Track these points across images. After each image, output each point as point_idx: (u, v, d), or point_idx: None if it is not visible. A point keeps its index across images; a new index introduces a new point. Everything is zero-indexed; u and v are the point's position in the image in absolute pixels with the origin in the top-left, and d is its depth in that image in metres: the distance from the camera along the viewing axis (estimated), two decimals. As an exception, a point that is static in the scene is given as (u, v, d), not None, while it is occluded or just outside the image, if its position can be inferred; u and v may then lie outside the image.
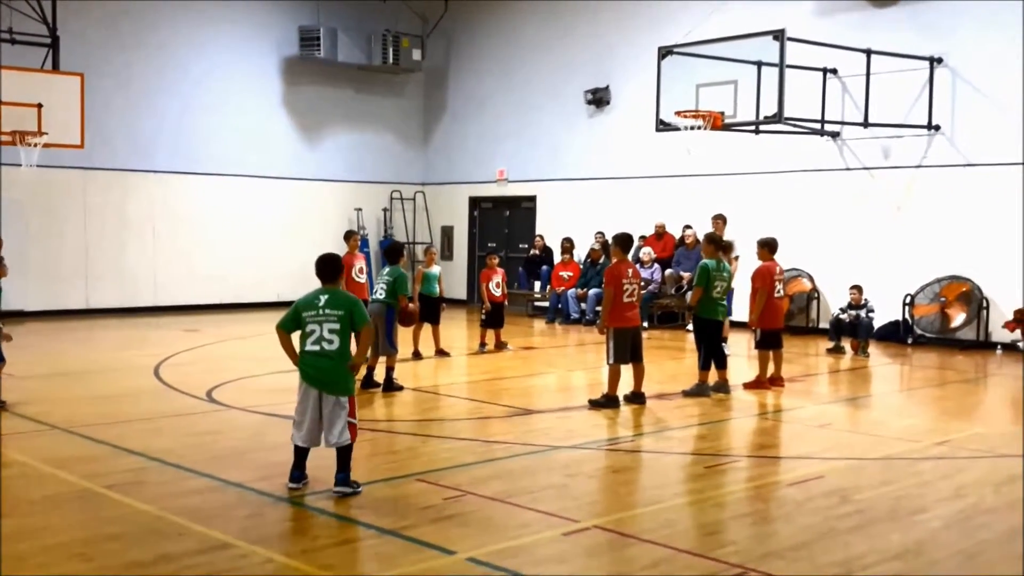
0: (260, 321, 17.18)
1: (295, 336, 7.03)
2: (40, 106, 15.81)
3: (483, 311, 15.01)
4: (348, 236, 14.29)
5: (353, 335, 6.94)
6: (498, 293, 14.99)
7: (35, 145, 15.84)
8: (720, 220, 17.19)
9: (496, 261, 15.54)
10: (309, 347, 6.87)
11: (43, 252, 18.98)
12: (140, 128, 20.16)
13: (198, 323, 18.43)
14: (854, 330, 14.94)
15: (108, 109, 19.29)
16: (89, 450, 8.22)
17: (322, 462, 7.03)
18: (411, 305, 11.74)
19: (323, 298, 6.92)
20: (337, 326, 6.83)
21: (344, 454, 6.85)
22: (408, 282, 11.51)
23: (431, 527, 6.13)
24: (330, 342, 6.83)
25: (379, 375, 11.30)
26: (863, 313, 14.96)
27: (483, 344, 14.94)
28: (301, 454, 6.96)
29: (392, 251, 11.81)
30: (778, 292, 11.83)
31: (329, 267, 7.09)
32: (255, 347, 14.88)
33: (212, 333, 16.89)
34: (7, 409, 9.72)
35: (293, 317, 6.98)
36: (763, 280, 11.72)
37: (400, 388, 11.19)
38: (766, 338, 11.77)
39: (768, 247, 11.95)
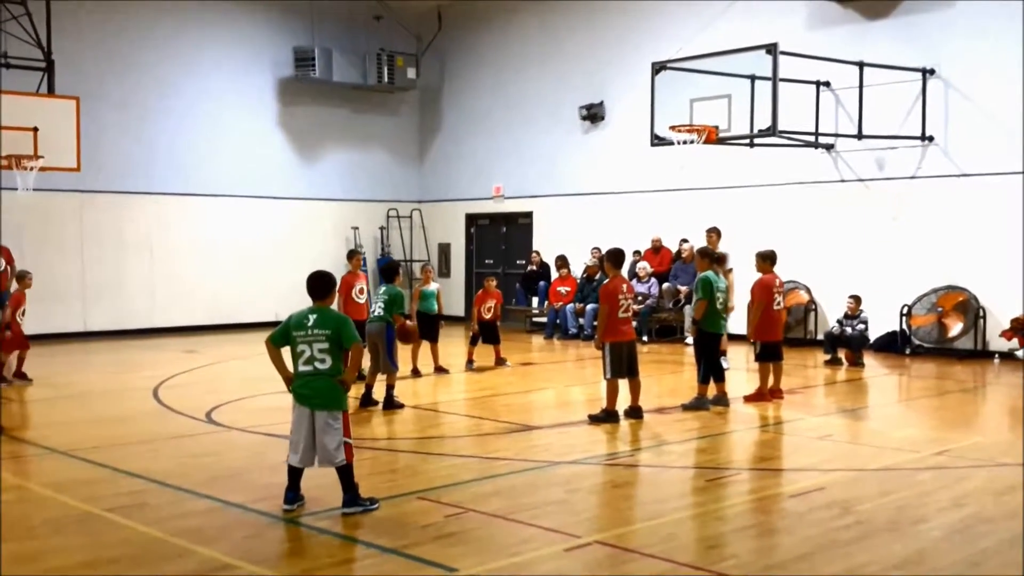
0: (258, 341, 16.91)
1: (287, 356, 7.02)
2: (36, 130, 15.82)
3: (473, 330, 15.13)
4: (351, 255, 14.24)
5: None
6: (488, 316, 15.02)
7: (31, 169, 15.83)
8: (714, 233, 16.91)
9: (494, 283, 15.49)
10: (302, 367, 6.88)
11: (41, 276, 18.80)
12: (136, 150, 20.20)
13: (196, 344, 18.41)
14: (848, 342, 14.98)
15: (104, 132, 19.32)
16: (89, 473, 8.20)
17: (322, 480, 7.03)
18: (409, 323, 11.74)
19: (312, 317, 6.90)
20: (326, 345, 6.83)
21: (345, 475, 6.85)
22: (404, 300, 11.52)
23: (432, 545, 6.13)
24: (322, 361, 6.83)
25: (378, 393, 11.28)
26: (856, 324, 15.00)
27: (470, 361, 14.91)
28: (295, 474, 6.96)
29: (388, 270, 11.79)
30: (777, 304, 11.84)
31: (320, 284, 7.07)
32: (254, 367, 14.81)
33: (211, 354, 16.88)
34: (6, 433, 9.71)
35: (283, 332, 6.98)
36: (763, 292, 11.73)
37: (401, 406, 11.16)
38: (766, 350, 11.78)
39: (768, 259, 11.96)
